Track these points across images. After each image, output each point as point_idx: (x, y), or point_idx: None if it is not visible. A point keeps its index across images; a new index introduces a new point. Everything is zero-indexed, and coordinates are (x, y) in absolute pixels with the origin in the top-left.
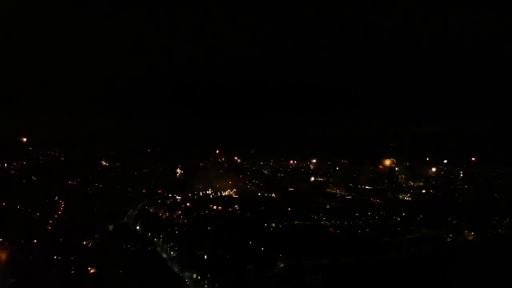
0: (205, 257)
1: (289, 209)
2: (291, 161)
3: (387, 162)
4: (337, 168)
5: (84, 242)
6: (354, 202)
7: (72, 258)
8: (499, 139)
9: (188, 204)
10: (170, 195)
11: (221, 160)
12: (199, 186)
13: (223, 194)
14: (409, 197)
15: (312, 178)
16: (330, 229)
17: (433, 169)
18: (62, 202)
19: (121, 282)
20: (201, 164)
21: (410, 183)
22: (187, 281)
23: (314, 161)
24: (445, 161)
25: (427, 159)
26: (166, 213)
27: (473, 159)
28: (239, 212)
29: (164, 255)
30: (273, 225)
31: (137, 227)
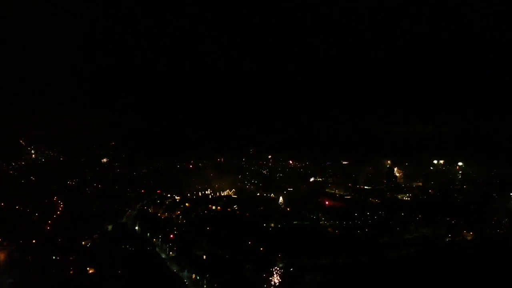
0: (204, 257)
1: (288, 209)
2: (290, 161)
3: (386, 162)
4: (336, 168)
5: (83, 242)
6: (353, 202)
7: (71, 258)
8: (498, 139)
9: (187, 204)
10: (169, 195)
11: (221, 160)
12: (198, 186)
13: (222, 194)
14: (408, 197)
15: (311, 178)
16: (329, 229)
17: (432, 169)
18: (60, 202)
19: (120, 282)
20: (200, 164)
21: (409, 183)
22: (186, 281)
23: (313, 161)
24: (444, 161)
25: (426, 159)
26: (165, 213)
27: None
28: (238, 212)
29: (163, 255)
30: (272, 225)
31: (136, 227)
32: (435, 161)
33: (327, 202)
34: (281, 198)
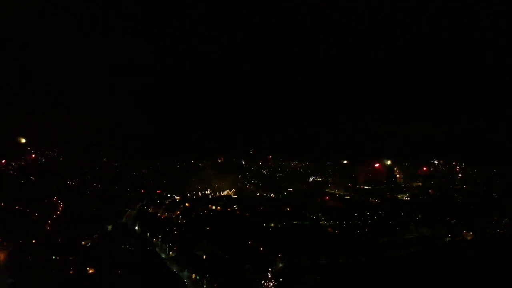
0: (204, 257)
1: (288, 209)
2: (290, 161)
3: (386, 162)
4: (336, 168)
5: (83, 242)
6: (353, 202)
7: (70, 258)
8: (497, 139)
9: (187, 204)
10: (169, 195)
11: (221, 160)
12: (198, 186)
13: (222, 194)
14: (407, 197)
15: (311, 178)
16: (329, 229)
17: (432, 169)
18: (60, 202)
19: (120, 282)
20: (200, 164)
21: (409, 183)
22: (186, 281)
23: (313, 161)
24: (444, 161)
25: (426, 159)
26: (165, 213)
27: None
28: (238, 212)
29: (163, 255)
30: (272, 225)
31: (136, 227)
32: (435, 161)
33: (327, 202)
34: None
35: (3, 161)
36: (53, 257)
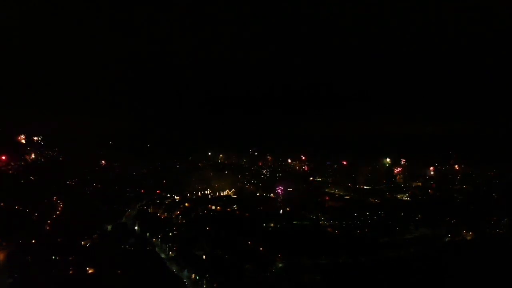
0: (204, 257)
1: (288, 209)
2: (290, 161)
3: (386, 162)
4: (336, 168)
5: (83, 242)
6: (352, 202)
7: (70, 258)
8: (497, 139)
9: (186, 204)
10: (168, 195)
11: (220, 160)
12: (198, 186)
13: (222, 194)
14: (407, 197)
15: (311, 178)
16: (329, 229)
17: (431, 169)
18: (60, 202)
19: (119, 282)
20: (199, 164)
21: (409, 183)
22: (185, 281)
23: (313, 161)
24: (443, 161)
25: (426, 159)
26: (164, 213)
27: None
28: (237, 212)
29: (163, 255)
30: (272, 225)
31: (136, 227)
32: (434, 161)
33: (327, 202)
34: (280, 198)
35: (3, 160)
36: (53, 257)
